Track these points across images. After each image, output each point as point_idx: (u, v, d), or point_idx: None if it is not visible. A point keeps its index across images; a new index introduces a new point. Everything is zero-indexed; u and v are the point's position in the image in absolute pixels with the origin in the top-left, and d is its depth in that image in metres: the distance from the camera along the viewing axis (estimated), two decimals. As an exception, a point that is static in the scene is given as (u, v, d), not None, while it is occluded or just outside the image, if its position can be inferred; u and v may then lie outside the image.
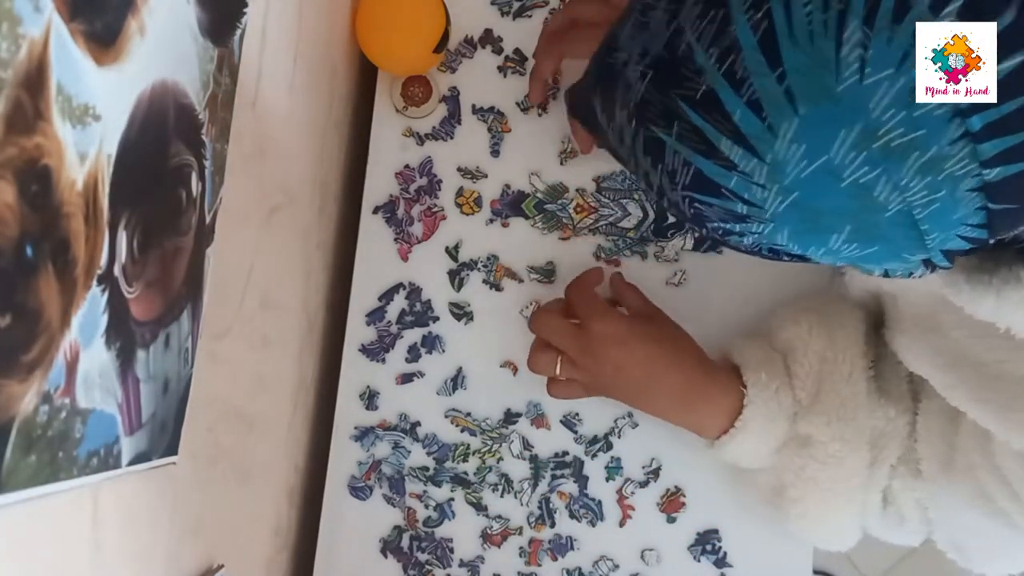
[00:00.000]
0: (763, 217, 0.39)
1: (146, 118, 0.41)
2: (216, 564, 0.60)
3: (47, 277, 0.35)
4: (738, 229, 0.41)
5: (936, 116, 0.34)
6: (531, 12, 0.81)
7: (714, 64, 0.36)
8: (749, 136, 0.36)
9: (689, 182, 0.40)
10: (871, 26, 0.33)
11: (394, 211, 0.81)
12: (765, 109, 0.36)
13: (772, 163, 0.36)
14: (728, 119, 0.37)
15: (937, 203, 0.36)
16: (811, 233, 0.39)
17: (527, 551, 0.79)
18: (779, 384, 0.67)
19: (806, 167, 0.36)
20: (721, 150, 0.37)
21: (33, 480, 0.36)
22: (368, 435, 0.80)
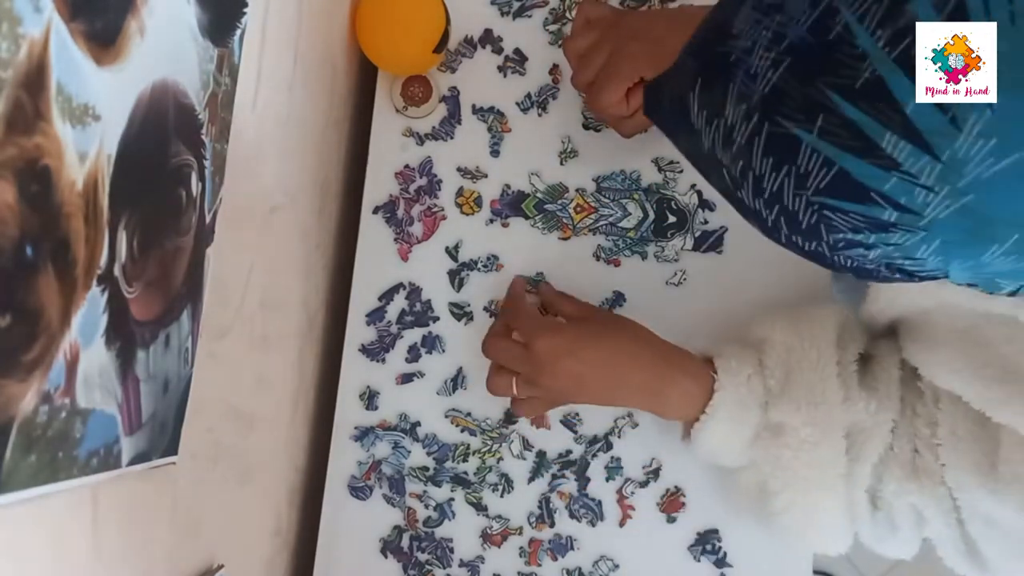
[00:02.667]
0: (915, 225, 0.34)
1: (146, 118, 0.41)
2: (216, 564, 0.60)
3: (47, 277, 0.35)
4: (872, 240, 0.36)
5: None
6: (531, 12, 0.81)
7: (883, 48, 0.32)
8: (924, 131, 0.32)
9: (826, 185, 0.35)
10: None
11: (394, 211, 0.81)
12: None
13: (949, 161, 0.32)
14: (898, 111, 0.32)
15: None
16: (968, 244, 0.34)
17: (527, 551, 0.79)
18: (751, 372, 0.67)
19: (991, 165, 0.32)
20: (882, 147, 0.33)
21: (33, 480, 0.36)
22: (368, 435, 0.80)
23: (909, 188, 0.34)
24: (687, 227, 0.79)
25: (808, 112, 0.34)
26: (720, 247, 0.78)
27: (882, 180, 0.34)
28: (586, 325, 0.69)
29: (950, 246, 0.35)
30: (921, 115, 0.32)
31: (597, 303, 0.79)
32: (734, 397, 0.66)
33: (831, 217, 0.36)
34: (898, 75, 0.32)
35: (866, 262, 0.38)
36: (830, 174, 0.35)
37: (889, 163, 0.33)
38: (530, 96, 0.80)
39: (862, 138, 0.34)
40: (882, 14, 0.32)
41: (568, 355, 0.66)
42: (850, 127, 0.34)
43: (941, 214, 0.34)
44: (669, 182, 0.79)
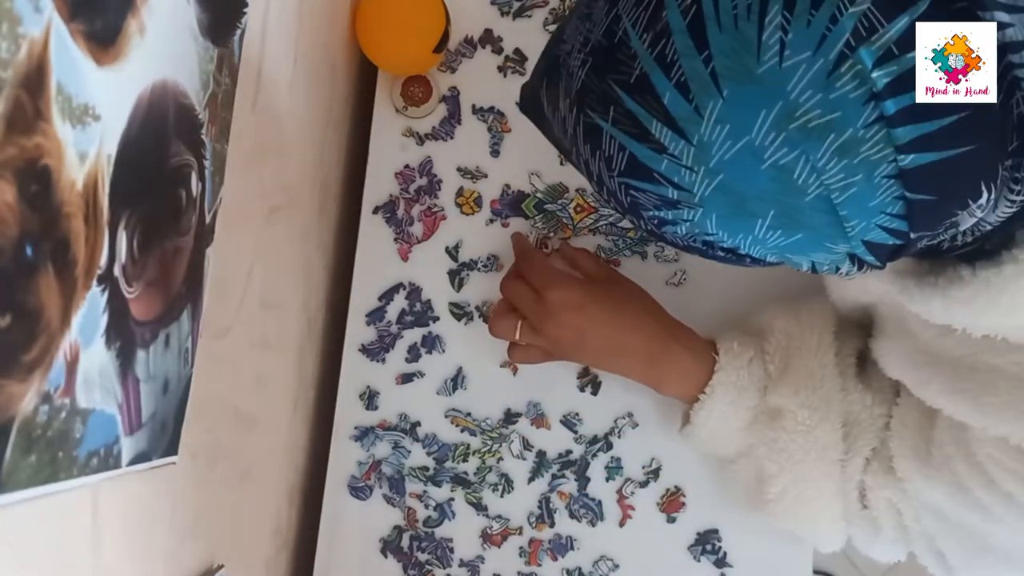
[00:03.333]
0: (692, 202, 0.40)
1: (146, 118, 0.41)
2: (216, 564, 0.60)
3: (47, 277, 0.35)
4: (671, 217, 0.42)
5: (852, 98, 0.35)
6: (531, 12, 0.81)
7: (647, 48, 0.38)
8: (678, 118, 0.38)
9: (624, 167, 0.41)
10: (791, 10, 0.34)
11: (394, 211, 0.81)
12: (692, 90, 0.37)
13: (698, 144, 0.38)
14: (659, 101, 0.38)
15: (854, 188, 0.37)
16: (737, 219, 0.40)
17: (527, 551, 0.79)
18: (751, 356, 0.67)
19: (730, 148, 0.37)
20: (652, 133, 0.39)
21: (33, 480, 0.36)
22: (368, 435, 0.80)
23: (677, 168, 0.39)
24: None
25: (604, 104, 0.40)
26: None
27: (658, 162, 0.40)
28: (600, 285, 0.70)
29: (724, 220, 0.40)
30: (674, 104, 0.38)
31: (597, 303, 0.79)
32: (734, 379, 0.66)
33: (636, 196, 0.42)
34: (657, 71, 0.38)
35: (684, 238, 0.43)
36: (624, 157, 0.41)
37: (659, 147, 0.39)
38: (530, 96, 0.80)
39: (639, 125, 0.39)
40: (646, 20, 0.38)
41: (577, 309, 0.67)
42: (631, 116, 0.39)
43: (706, 192, 0.39)
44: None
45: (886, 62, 0.34)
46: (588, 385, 0.79)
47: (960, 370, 0.54)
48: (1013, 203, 0.41)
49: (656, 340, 0.68)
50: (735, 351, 0.67)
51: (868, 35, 0.34)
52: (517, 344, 0.72)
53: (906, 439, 0.63)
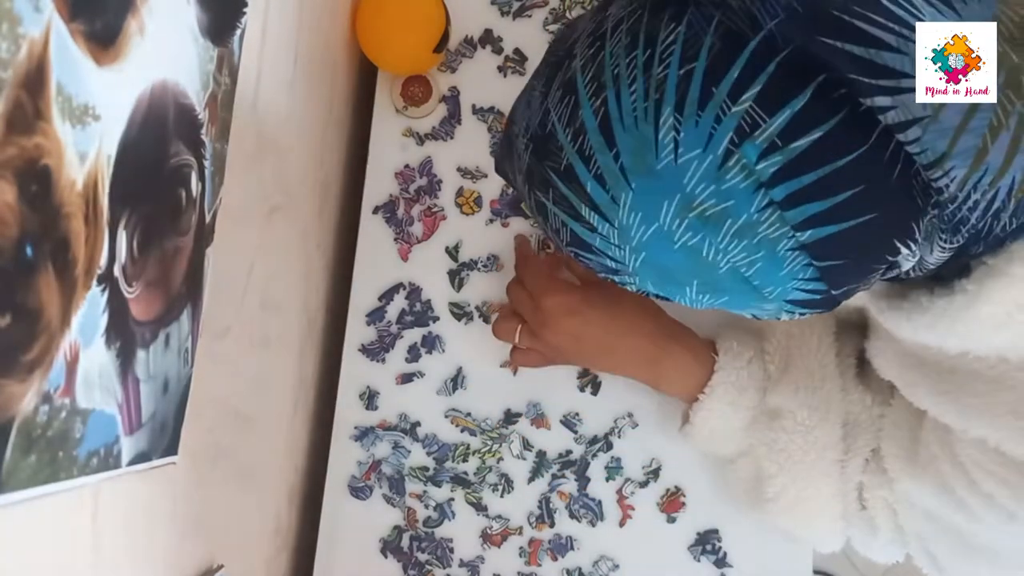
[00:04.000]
0: (628, 271, 0.44)
1: (146, 118, 0.41)
2: (216, 564, 0.60)
3: (47, 277, 0.35)
4: (619, 280, 0.46)
5: (742, 188, 0.38)
6: (531, 12, 0.81)
7: (570, 142, 0.42)
8: (600, 205, 0.42)
9: (569, 240, 0.45)
10: (681, 112, 0.38)
11: (394, 211, 0.81)
12: (608, 182, 0.41)
13: (620, 228, 0.42)
14: (583, 189, 0.42)
15: (760, 263, 0.40)
16: (668, 285, 0.44)
17: (527, 551, 0.79)
18: (751, 356, 0.68)
19: (644, 232, 0.41)
20: (583, 215, 0.43)
21: (33, 480, 0.36)
22: (368, 435, 0.80)
23: (608, 245, 0.43)
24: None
25: (544, 186, 0.44)
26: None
27: (592, 238, 0.44)
28: (596, 289, 0.70)
29: (659, 286, 0.44)
30: (595, 193, 0.42)
31: (597, 303, 0.79)
32: (733, 379, 0.67)
33: (587, 261, 0.46)
34: (579, 163, 0.41)
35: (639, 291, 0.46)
36: (567, 232, 0.45)
37: (590, 227, 0.43)
38: (530, 96, 0.80)
39: (572, 208, 0.43)
40: (568, 116, 0.42)
41: (573, 314, 0.68)
42: (565, 199, 0.43)
43: (636, 265, 0.43)
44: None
45: (770, 154, 0.37)
46: (588, 385, 0.79)
47: (942, 372, 0.55)
48: (946, 248, 0.43)
49: (654, 340, 0.68)
50: (735, 351, 0.68)
51: (751, 131, 0.37)
52: (518, 348, 0.72)
53: (896, 439, 0.63)
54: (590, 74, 0.41)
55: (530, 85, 0.46)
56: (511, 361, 0.74)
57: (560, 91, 0.42)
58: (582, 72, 0.41)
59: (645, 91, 0.39)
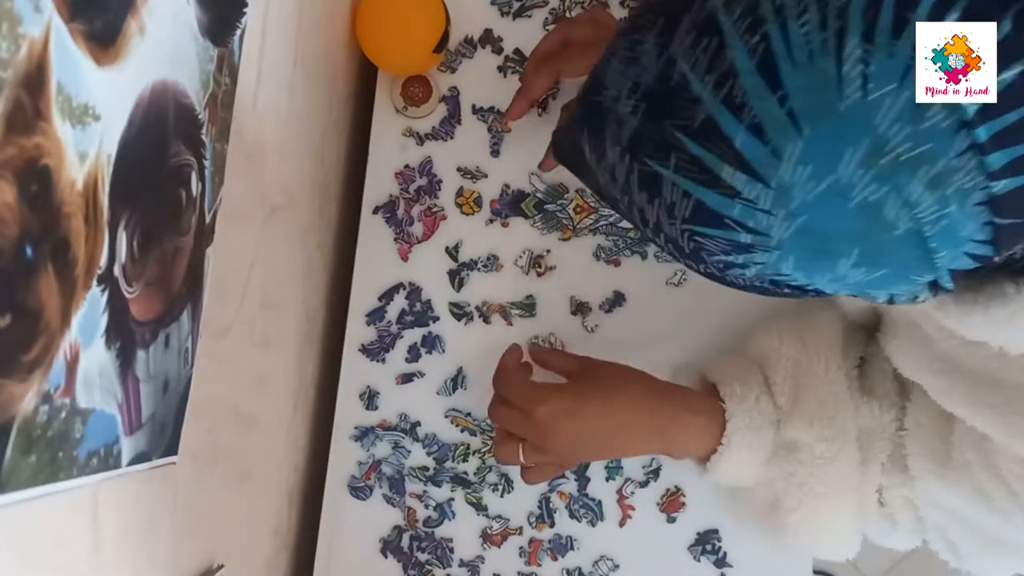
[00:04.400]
0: (769, 245, 0.38)
1: (146, 118, 0.41)
2: (216, 564, 0.60)
3: (47, 277, 0.35)
4: (741, 260, 0.40)
5: (943, 128, 0.33)
6: (531, 12, 0.81)
7: (711, 91, 0.36)
8: (752, 161, 0.36)
9: (689, 215, 0.39)
10: (871, 42, 0.33)
11: (394, 211, 0.81)
12: (768, 132, 0.35)
13: (778, 187, 0.36)
14: (729, 145, 0.36)
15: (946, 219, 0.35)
16: (818, 259, 0.38)
17: (527, 551, 0.79)
18: (758, 393, 0.66)
19: (813, 189, 0.36)
20: (723, 178, 0.37)
21: (33, 480, 0.36)
22: (368, 435, 0.80)
23: (752, 213, 0.37)
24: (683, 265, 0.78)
25: (664, 151, 0.38)
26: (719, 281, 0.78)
27: (730, 207, 0.38)
28: (581, 383, 0.68)
29: (804, 262, 0.38)
30: (748, 148, 0.36)
31: (597, 303, 0.79)
32: (746, 422, 0.65)
33: (703, 242, 0.40)
34: (725, 114, 0.36)
35: (750, 280, 0.41)
36: (690, 204, 0.39)
37: (732, 192, 0.37)
38: (530, 96, 0.80)
39: (707, 171, 0.37)
40: (707, 62, 0.36)
41: (568, 417, 0.65)
42: (696, 162, 0.37)
43: (784, 234, 0.37)
44: (669, 182, 0.79)
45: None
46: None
47: (982, 383, 0.53)
48: None
49: (655, 414, 0.66)
50: (739, 394, 0.66)
51: None
52: (527, 467, 0.70)
53: (921, 439, 0.62)
54: (740, 9, 0.36)
55: (621, 45, 0.41)
56: (525, 480, 0.70)
57: (692, 35, 0.37)
58: (726, 9, 0.36)
59: (822, 20, 0.34)
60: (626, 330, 0.79)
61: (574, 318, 0.79)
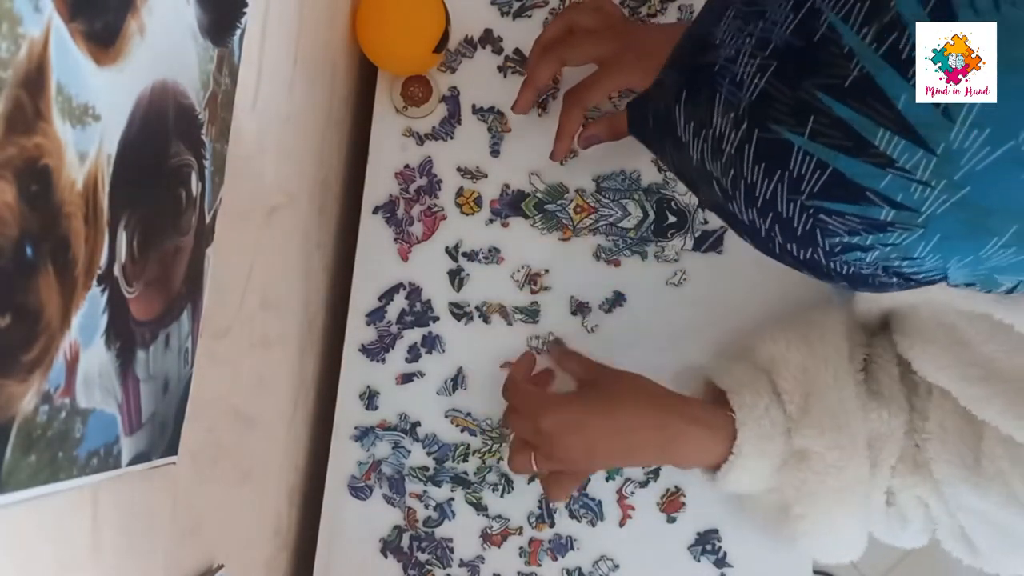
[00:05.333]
0: (913, 223, 0.34)
1: (146, 118, 0.41)
2: (216, 564, 0.60)
3: (47, 277, 0.35)
4: (869, 242, 0.36)
5: None
6: (531, 12, 0.81)
7: (870, 45, 0.32)
8: (917, 125, 0.32)
9: (820, 188, 0.35)
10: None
11: (394, 211, 0.81)
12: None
13: (944, 154, 0.32)
14: (890, 107, 0.33)
15: None
16: (967, 238, 0.34)
17: (527, 551, 0.79)
18: (767, 402, 0.65)
19: (986, 156, 0.32)
20: (875, 145, 0.33)
21: (33, 480, 0.36)
22: (368, 435, 0.80)
23: (905, 184, 0.34)
24: (687, 227, 0.79)
25: (798, 115, 0.34)
26: (720, 247, 0.78)
27: (877, 178, 0.34)
28: (588, 394, 0.68)
29: (949, 241, 0.35)
30: (913, 109, 0.32)
31: (597, 303, 0.79)
32: (757, 432, 0.64)
33: (826, 220, 0.36)
34: (888, 71, 0.32)
35: (863, 266, 0.38)
36: (824, 176, 0.35)
37: (883, 160, 0.33)
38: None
39: (854, 137, 0.34)
40: (866, 12, 0.33)
41: (575, 429, 0.64)
42: (842, 127, 0.34)
43: (938, 209, 0.34)
44: (669, 182, 0.79)
45: None
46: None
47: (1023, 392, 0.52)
48: None
49: (663, 427, 0.65)
50: (749, 403, 0.65)
51: None
52: (547, 480, 0.69)
53: (948, 444, 0.61)
54: None
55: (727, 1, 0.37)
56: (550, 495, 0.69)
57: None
58: None
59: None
60: (626, 330, 0.78)
61: (574, 318, 0.79)
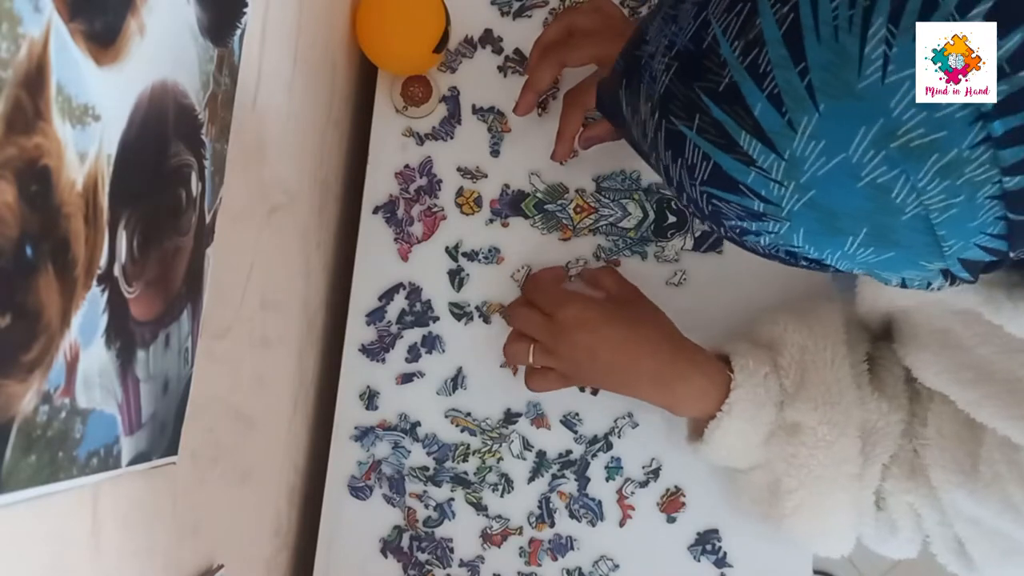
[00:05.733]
0: (779, 216, 0.39)
1: (146, 118, 0.41)
2: (216, 564, 0.60)
3: (47, 277, 0.35)
4: (755, 228, 0.40)
5: (958, 118, 0.33)
6: (531, 12, 0.81)
7: (738, 57, 0.36)
8: (768, 131, 0.36)
9: (708, 177, 0.40)
10: (896, 24, 0.33)
11: (394, 211, 0.81)
12: (786, 103, 0.35)
13: (790, 159, 0.36)
14: (749, 113, 0.36)
15: (955, 208, 0.35)
16: (827, 235, 0.38)
17: (527, 551, 0.79)
18: (767, 371, 0.67)
19: (824, 164, 0.36)
20: (740, 144, 0.37)
21: (33, 480, 0.36)
22: (368, 435, 0.80)
23: (765, 182, 0.38)
24: (687, 227, 0.79)
25: (689, 111, 0.39)
26: (720, 247, 0.78)
27: (745, 174, 0.38)
28: (619, 306, 0.69)
29: (812, 236, 0.39)
30: (766, 117, 0.36)
31: (597, 303, 0.79)
32: (751, 396, 0.65)
33: (719, 205, 0.40)
34: (748, 82, 0.36)
35: (763, 248, 0.42)
36: (708, 167, 0.39)
37: (747, 159, 0.38)
38: (530, 96, 0.80)
39: (726, 136, 0.38)
40: (738, 27, 0.36)
41: (589, 329, 0.66)
42: (718, 126, 0.38)
43: (795, 207, 0.38)
44: (669, 182, 0.79)
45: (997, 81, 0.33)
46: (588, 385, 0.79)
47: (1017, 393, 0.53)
48: None
49: (668, 361, 0.67)
50: (750, 368, 0.66)
51: None
52: (534, 371, 0.71)
53: (946, 450, 0.62)
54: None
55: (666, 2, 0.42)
56: (528, 385, 0.72)
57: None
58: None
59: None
60: (626, 330, 0.78)
61: (574, 318, 0.79)
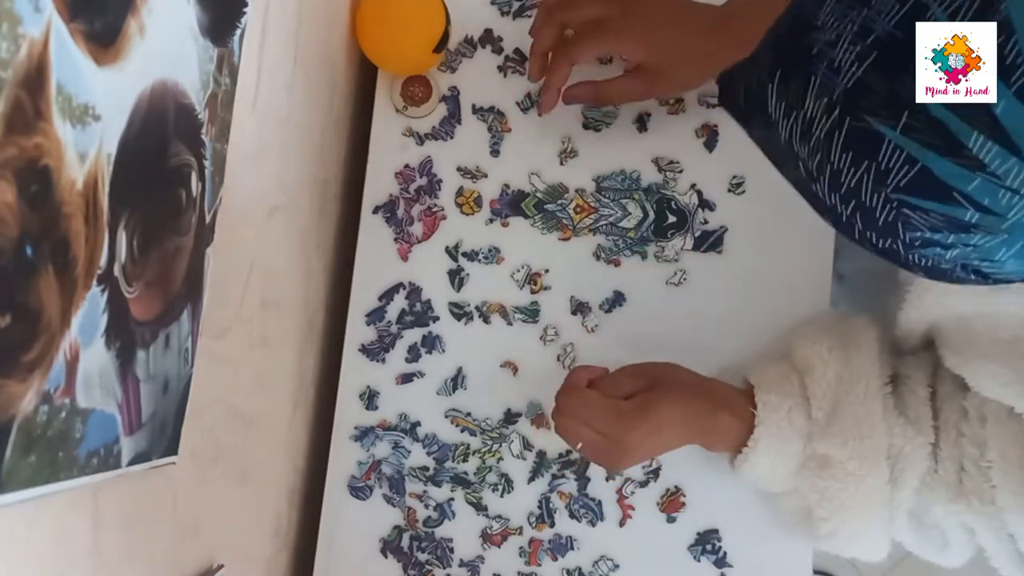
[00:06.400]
0: (998, 228, 0.34)
1: (146, 118, 0.41)
2: (216, 564, 0.60)
3: (47, 277, 0.35)
4: (950, 240, 0.36)
5: None
6: (531, 12, 0.81)
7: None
8: (1012, 132, 0.32)
9: (907, 183, 0.35)
10: None
11: (394, 211, 0.81)
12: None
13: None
14: (987, 111, 0.32)
15: None
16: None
17: (527, 551, 0.79)
18: (792, 404, 0.67)
19: None
20: (968, 147, 0.33)
21: (33, 480, 0.36)
22: (368, 435, 0.80)
23: (994, 189, 0.33)
24: (687, 227, 0.79)
25: (892, 108, 0.34)
26: (720, 247, 0.78)
27: (966, 180, 0.34)
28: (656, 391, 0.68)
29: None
30: (1011, 116, 0.32)
31: (597, 303, 0.79)
32: (774, 431, 0.66)
33: (909, 215, 0.36)
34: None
35: (942, 262, 0.37)
36: (912, 172, 0.35)
37: (975, 163, 0.33)
38: (530, 96, 0.80)
39: (948, 137, 0.33)
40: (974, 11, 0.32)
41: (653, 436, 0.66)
42: (936, 126, 0.33)
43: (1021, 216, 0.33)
44: (669, 182, 0.79)
45: None
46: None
47: None
48: None
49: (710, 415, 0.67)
50: (773, 403, 0.67)
51: None
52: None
53: (1012, 474, 0.61)
54: None
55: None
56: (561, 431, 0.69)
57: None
58: None
59: None
60: (626, 330, 0.78)
61: (574, 318, 0.79)
